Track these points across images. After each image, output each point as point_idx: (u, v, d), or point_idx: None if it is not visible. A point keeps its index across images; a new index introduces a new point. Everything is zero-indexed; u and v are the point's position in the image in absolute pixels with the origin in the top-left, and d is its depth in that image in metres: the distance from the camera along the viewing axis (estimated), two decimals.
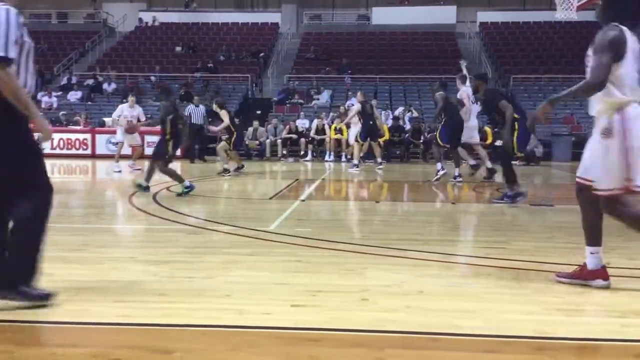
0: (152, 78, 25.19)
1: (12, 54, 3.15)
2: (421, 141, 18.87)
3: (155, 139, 11.30)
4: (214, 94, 20.84)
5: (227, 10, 32.33)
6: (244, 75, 25.39)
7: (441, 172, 11.53)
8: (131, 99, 14.12)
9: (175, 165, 13.82)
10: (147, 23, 30.82)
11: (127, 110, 13.76)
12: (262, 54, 27.67)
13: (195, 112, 17.57)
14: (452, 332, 3.07)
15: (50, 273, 3.77)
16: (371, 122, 14.14)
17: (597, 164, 3.76)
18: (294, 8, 32.43)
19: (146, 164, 10.30)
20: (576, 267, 4.07)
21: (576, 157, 18.96)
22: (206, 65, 26.06)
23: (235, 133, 12.77)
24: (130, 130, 13.19)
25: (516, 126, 8.12)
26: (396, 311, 3.42)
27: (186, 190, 8.78)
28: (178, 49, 28.50)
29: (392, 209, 8.69)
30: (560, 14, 12.61)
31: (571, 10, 12.56)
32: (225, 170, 12.64)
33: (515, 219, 7.26)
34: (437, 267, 4.52)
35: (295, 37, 30.32)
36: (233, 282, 4.02)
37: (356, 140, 14.86)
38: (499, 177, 10.91)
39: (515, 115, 8.21)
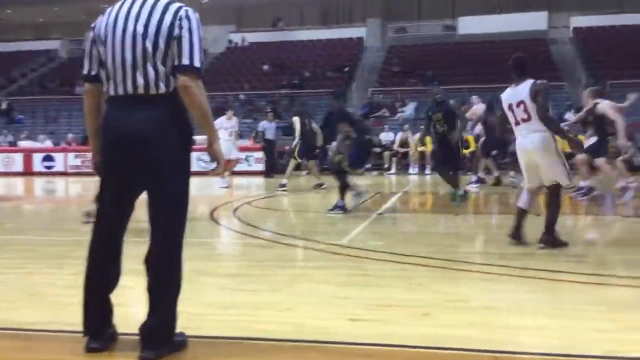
0: (241, 96, 25.93)
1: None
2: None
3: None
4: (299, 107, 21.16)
5: (313, 27, 32.84)
6: (328, 90, 25.61)
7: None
8: (229, 112, 14.66)
9: (249, 180, 14.13)
10: (236, 44, 31.82)
11: (225, 123, 14.26)
12: (346, 69, 27.84)
13: (269, 127, 17.92)
14: (514, 351, 2.91)
15: (132, 286, 3.82)
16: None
17: None
18: (379, 22, 32.45)
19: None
20: None
21: None
22: (292, 81, 26.54)
23: (300, 142, 12.49)
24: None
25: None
26: (460, 327, 3.29)
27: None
28: (266, 67, 29.21)
29: (473, 222, 8.44)
30: None
31: None
32: (319, 185, 12.76)
33: (602, 231, 6.84)
34: (508, 282, 4.32)
35: (380, 51, 30.30)
36: (297, 294, 4.03)
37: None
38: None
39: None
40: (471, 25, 29.38)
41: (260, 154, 19.08)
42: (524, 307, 3.67)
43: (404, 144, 18.87)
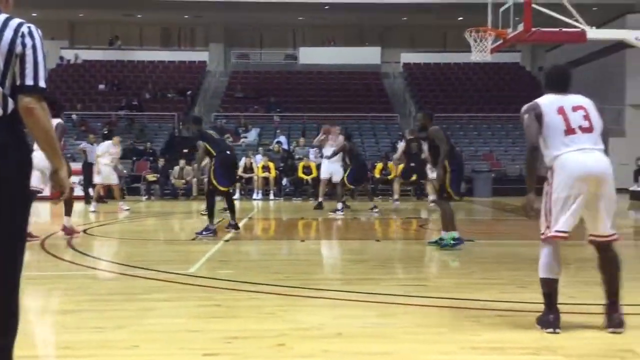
0: (74, 116, 24.45)
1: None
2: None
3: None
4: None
5: (153, 48, 32.00)
6: (170, 114, 25.04)
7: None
8: (115, 138, 14.64)
9: (85, 206, 13.33)
10: (69, 61, 30.06)
11: (112, 148, 13.94)
12: (189, 92, 27.44)
13: (90, 150, 16.87)
14: None
15: None
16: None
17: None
18: (222, 47, 32.47)
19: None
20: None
21: (496, 192, 19.69)
22: (131, 103, 25.57)
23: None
24: None
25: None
26: (313, 356, 3.32)
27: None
28: (101, 86, 27.87)
29: (317, 247, 8.64)
30: (476, 56, 13.21)
31: (485, 52, 13.15)
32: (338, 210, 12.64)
33: (435, 255, 7.33)
34: (356, 308, 4.46)
35: (223, 76, 30.29)
36: (144, 331, 3.83)
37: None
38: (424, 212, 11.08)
39: None
40: (311, 55, 30.44)
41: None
42: (372, 333, 3.80)
43: (248, 169, 18.91)
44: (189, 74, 29.83)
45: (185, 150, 21.44)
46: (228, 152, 8.84)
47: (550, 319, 3.84)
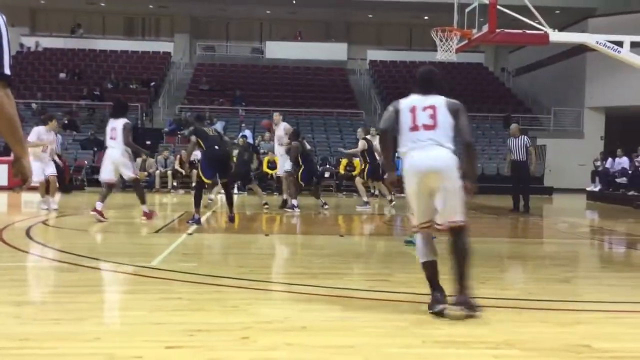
0: (34, 105, 23.87)
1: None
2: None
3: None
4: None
5: (116, 38, 31.46)
6: (133, 105, 24.61)
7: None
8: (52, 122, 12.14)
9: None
10: (29, 48, 29.34)
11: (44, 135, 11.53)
12: (153, 83, 27.07)
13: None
14: None
15: None
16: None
17: None
18: (187, 38, 32.13)
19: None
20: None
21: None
22: (92, 92, 25.09)
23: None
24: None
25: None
26: (277, 349, 3.33)
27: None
28: (62, 75, 27.29)
29: (282, 241, 8.63)
30: (441, 55, 13.35)
31: (451, 52, 13.31)
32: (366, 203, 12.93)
33: (398, 251, 7.40)
34: (320, 302, 4.48)
35: (188, 68, 29.98)
36: (105, 323, 3.78)
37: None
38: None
39: None
40: (278, 50, 30.37)
41: None
42: (335, 326, 3.83)
43: None
44: (152, 65, 29.43)
45: (148, 142, 21.18)
46: (216, 147, 9.32)
47: (436, 297, 4.06)
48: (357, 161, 18.25)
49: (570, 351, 3.40)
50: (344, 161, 18.86)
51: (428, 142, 4.05)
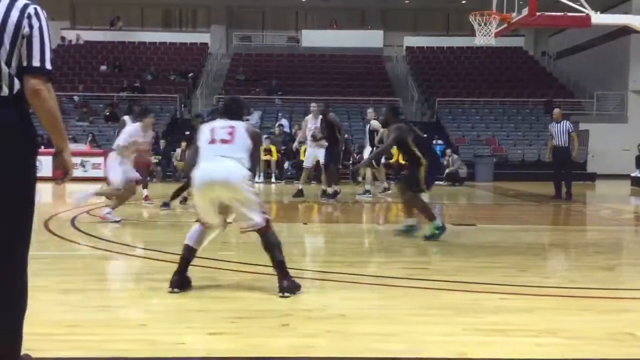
0: (76, 98, 24.43)
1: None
2: (350, 162, 19.03)
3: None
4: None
5: (154, 30, 31.86)
6: (172, 95, 25.01)
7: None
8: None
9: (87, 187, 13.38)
10: (70, 41, 29.95)
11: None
12: (191, 74, 27.36)
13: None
14: (371, 357, 3.04)
15: None
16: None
17: None
18: (224, 29, 32.33)
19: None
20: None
21: (497, 177, 19.71)
22: (133, 84, 25.52)
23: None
24: None
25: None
26: (316, 336, 3.36)
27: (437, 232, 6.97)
28: (103, 67, 27.81)
29: (320, 230, 8.67)
30: (480, 40, 13.15)
31: (489, 36, 13.09)
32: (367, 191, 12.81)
33: (438, 240, 7.36)
34: (360, 290, 4.50)
35: (225, 58, 30.18)
36: (149, 310, 3.87)
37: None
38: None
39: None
40: (314, 38, 30.31)
41: (98, 159, 17.96)
42: (375, 314, 3.84)
43: None
44: (190, 56, 29.73)
45: (187, 133, 21.45)
46: None
47: (174, 279, 4.29)
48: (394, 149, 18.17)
49: (613, 339, 3.35)
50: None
51: (219, 154, 4.32)
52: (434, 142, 21.17)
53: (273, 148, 18.65)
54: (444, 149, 20.07)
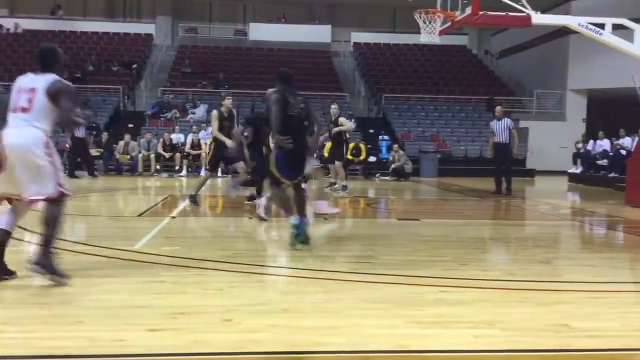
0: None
1: None
2: None
3: None
4: None
5: (97, 19, 31.00)
6: (115, 87, 24.39)
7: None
8: None
9: None
10: (8, 30, 28.84)
11: None
12: (134, 66, 26.76)
13: None
14: (315, 350, 3.05)
15: None
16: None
17: None
18: (169, 20, 31.74)
19: None
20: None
21: (441, 173, 20.06)
22: (73, 75, 24.75)
23: None
24: None
25: None
26: (260, 331, 3.34)
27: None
28: None
29: (264, 225, 8.62)
30: (425, 37, 13.33)
31: (434, 34, 13.29)
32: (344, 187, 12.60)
33: (382, 233, 7.46)
34: (303, 284, 4.50)
35: (171, 50, 29.63)
36: (88, 307, 3.77)
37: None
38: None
39: None
40: (262, 32, 30.09)
41: None
42: (319, 308, 3.85)
43: (195, 145, 18.67)
44: (134, 47, 29.06)
45: (130, 125, 21.01)
46: None
47: None
48: (362, 145, 18.40)
49: (549, 330, 3.46)
50: (351, 145, 18.51)
51: (19, 122, 4.25)
52: (380, 137, 21.43)
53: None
54: (390, 144, 20.31)
